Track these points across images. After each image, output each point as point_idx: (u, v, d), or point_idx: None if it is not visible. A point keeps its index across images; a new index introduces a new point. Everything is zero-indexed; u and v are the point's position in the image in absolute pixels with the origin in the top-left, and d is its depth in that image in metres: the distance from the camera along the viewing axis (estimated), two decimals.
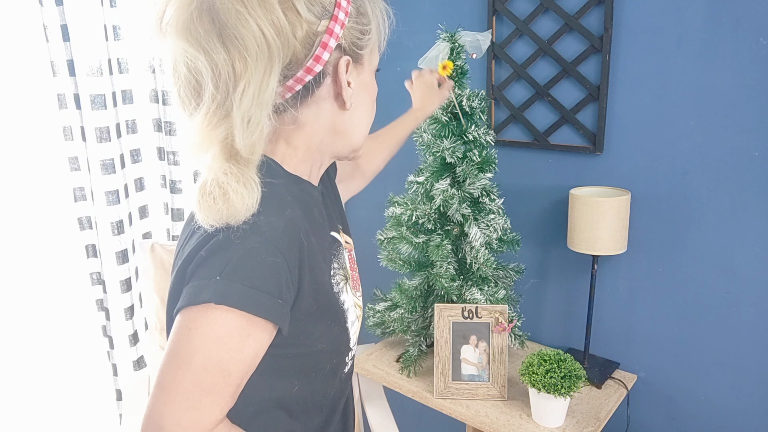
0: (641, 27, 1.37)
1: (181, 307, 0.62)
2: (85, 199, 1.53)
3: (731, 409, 1.40)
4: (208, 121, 0.63)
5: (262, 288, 0.61)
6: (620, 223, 1.34)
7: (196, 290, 0.61)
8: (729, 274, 1.35)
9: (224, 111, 0.62)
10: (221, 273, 0.60)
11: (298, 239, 0.66)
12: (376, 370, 1.58)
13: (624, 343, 1.55)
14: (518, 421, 1.33)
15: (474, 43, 1.37)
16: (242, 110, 0.62)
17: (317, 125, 0.72)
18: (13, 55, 1.44)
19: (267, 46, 0.62)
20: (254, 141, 0.63)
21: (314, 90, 0.69)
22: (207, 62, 0.61)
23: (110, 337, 1.63)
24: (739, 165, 1.30)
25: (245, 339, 0.61)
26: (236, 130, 0.62)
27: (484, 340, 1.42)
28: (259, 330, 0.62)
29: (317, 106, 0.71)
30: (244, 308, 0.60)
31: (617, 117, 1.45)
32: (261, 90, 0.62)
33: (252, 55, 0.61)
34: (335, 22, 0.66)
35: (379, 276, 1.99)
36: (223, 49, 0.61)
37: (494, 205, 1.44)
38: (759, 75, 1.23)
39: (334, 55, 0.68)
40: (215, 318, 0.60)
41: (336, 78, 0.70)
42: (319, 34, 0.65)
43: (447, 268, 1.43)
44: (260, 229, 0.62)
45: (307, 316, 0.68)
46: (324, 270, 0.73)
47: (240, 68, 0.61)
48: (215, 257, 0.62)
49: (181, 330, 0.61)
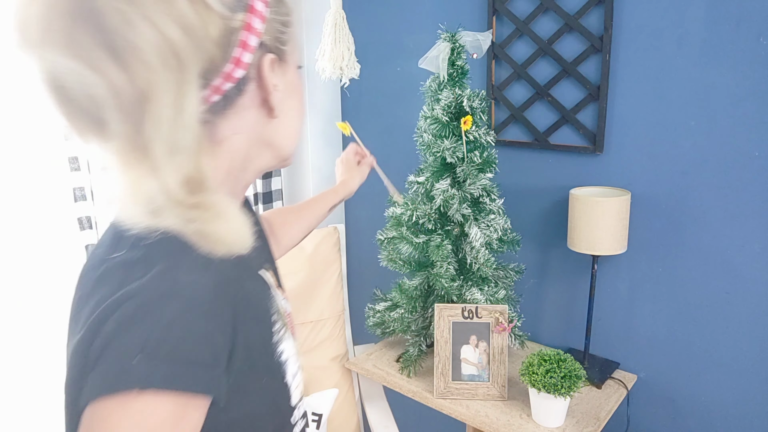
0: (641, 27, 1.37)
1: (92, 399, 0.48)
2: (85, 199, 1.53)
3: (731, 409, 1.40)
4: (127, 161, 0.50)
5: (192, 360, 0.49)
6: (620, 223, 1.34)
7: (111, 376, 0.47)
8: (729, 274, 1.35)
9: (141, 146, 0.49)
10: (142, 351, 0.47)
11: (230, 294, 0.55)
12: (376, 370, 1.58)
13: (624, 343, 1.55)
14: (518, 421, 1.33)
15: (474, 43, 1.37)
16: (163, 139, 0.49)
17: (240, 139, 0.60)
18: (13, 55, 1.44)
19: (173, 51, 0.48)
20: (187, 170, 0.51)
21: (235, 99, 0.57)
22: (105, 86, 0.47)
23: None
24: (739, 165, 1.30)
25: (179, 422, 0.49)
26: (161, 165, 0.49)
27: (484, 340, 1.42)
28: (192, 409, 0.50)
29: (239, 117, 0.58)
30: (175, 388, 0.48)
31: (617, 117, 1.45)
32: (180, 109, 0.49)
33: (155, 69, 0.47)
34: (253, 14, 0.53)
35: (379, 276, 1.99)
36: (116, 65, 0.47)
37: (494, 205, 1.45)
38: (759, 75, 1.23)
39: (256, 55, 0.55)
40: (142, 407, 0.47)
41: (261, 82, 0.58)
42: (235, 31, 0.52)
43: (447, 268, 1.43)
44: (182, 292, 0.50)
45: (239, 379, 0.56)
46: (262, 319, 0.61)
47: (145, 88, 0.47)
48: (129, 332, 0.48)
49: (96, 428, 0.48)
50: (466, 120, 1.38)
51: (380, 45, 1.91)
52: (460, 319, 1.42)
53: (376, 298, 1.67)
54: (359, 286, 2.19)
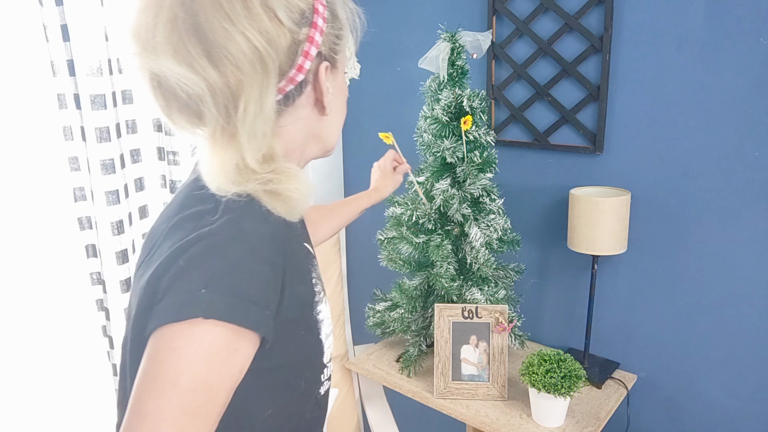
0: (641, 27, 1.37)
1: (160, 325, 0.56)
2: (85, 199, 1.53)
3: (731, 409, 1.40)
4: (217, 144, 0.62)
5: (249, 299, 0.58)
6: (620, 223, 1.34)
7: (179, 305, 0.56)
8: (729, 274, 1.35)
9: (229, 132, 0.62)
10: (207, 285, 0.56)
11: (282, 247, 0.64)
12: (376, 370, 1.58)
13: (624, 343, 1.55)
14: (518, 421, 1.33)
15: (474, 43, 1.37)
16: (247, 127, 0.61)
17: (296, 132, 0.71)
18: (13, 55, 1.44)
19: (260, 59, 0.60)
20: (263, 150, 0.64)
21: (295, 98, 0.68)
22: (204, 85, 0.59)
23: (110, 337, 1.63)
24: (739, 165, 1.30)
25: (233, 353, 0.58)
26: (244, 148, 0.62)
27: (484, 340, 1.42)
28: (246, 343, 0.59)
29: (296, 114, 0.70)
30: (233, 321, 0.56)
31: (617, 117, 1.45)
32: (262, 104, 0.61)
33: (246, 72, 0.59)
34: (315, 29, 0.65)
35: (379, 276, 1.99)
36: (214, 69, 0.59)
37: (494, 205, 1.44)
38: (759, 75, 1.23)
39: (314, 63, 0.67)
40: (204, 333, 0.56)
41: (316, 85, 0.69)
42: (301, 43, 0.64)
43: (447, 268, 1.43)
44: (246, 237, 0.60)
45: (284, 326, 0.65)
46: (305, 278, 0.71)
47: (236, 87, 0.60)
48: (198, 268, 0.58)
49: (162, 350, 0.56)
50: (466, 120, 1.38)
51: (380, 45, 1.91)
52: (460, 319, 1.42)
53: (376, 298, 1.67)
54: (359, 286, 2.19)
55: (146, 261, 0.67)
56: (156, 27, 0.59)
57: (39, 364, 1.58)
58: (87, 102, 1.47)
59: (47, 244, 1.56)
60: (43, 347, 1.58)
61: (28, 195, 1.51)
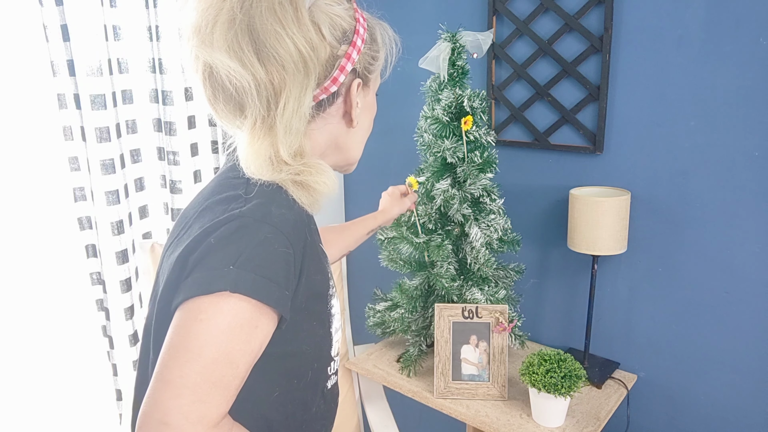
0: (641, 27, 1.37)
1: (188, 298, 0.61)
2: (85, 199, 1.53)
3: (731, 409, 1.41)
4: (255, 135, 0.68)
5: (272, 278, 0.62)
6: (620, 223, 1.35)
7: (208, 279, 0.60)
8: (729, 274, 1.36)
9: (268, 125, 0.67)
10: (235, 262, 0.61)
11: (303, 234, 0.68)
12: (376, 370, 1.58)
13: (624, 343, 1.55)
14: (518, 421, 1.33)
15: (475, 43, 1.37)
16: (284, 122, 0.67)
17: (322, 138, 0.77)
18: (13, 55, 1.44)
19: (303, 62, 0.66)
20: (295, 146, 0.69)
21: (326, 107, 0.74)
22: (251, 80, 0.65)
23: (110, 337, 1.62)
24: (739, 165, 1.30)
25: (254, 330, 0.62)
26: (279, 140, 0.67)
27: (485, 340, 1.42)
28: (266, 320, 0.63)
29: (325, 122, 0.76)
30: (257, 297, 0.61)
31: (617, 117, 1.45)
32: (300, 103, 0.67)
33: (290, 72, 0.66)
34: (354, 48, 0.72)
35: (379, 276, 1.99)
36: (261, 67, 0.65)
37: (495, 205, 1.45)
38: (759, 75, 1.23)
39: (348, 78, 0.73)
40: (229, 308, 0.60)
41: (347, 98, 0.76)
42: (338, 58, 0.71)
43: (447, 268, 1.43)
44: (273, 220, 0.65)
45: (297, 312, 0.69)
46: (322, 270, 0.75)
47: (279, 84, 0.66)
48: (228, 246, 0.62)
49: (188, 322, 0.60)
50: (466, 120, 1.38)
51: None
52: (461, 319, 1.42)
53: (376, 298, 1.67)
54: (359, 286, 2.19)
55: (176, 241, 0.71)
56: (216, 24, 0.65)
57: (39, 364, 1.58)
58: (87, 102, 1.47)
59: (47, 244, 1.56)
60: (43, 347, 1.58)
61: (28, 195, 1.51)
